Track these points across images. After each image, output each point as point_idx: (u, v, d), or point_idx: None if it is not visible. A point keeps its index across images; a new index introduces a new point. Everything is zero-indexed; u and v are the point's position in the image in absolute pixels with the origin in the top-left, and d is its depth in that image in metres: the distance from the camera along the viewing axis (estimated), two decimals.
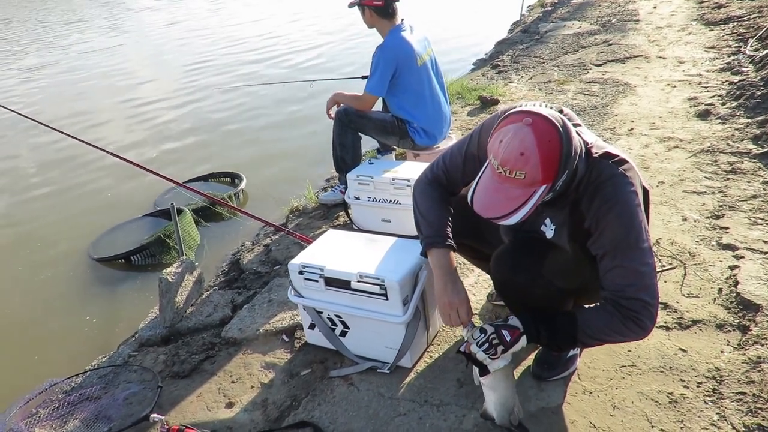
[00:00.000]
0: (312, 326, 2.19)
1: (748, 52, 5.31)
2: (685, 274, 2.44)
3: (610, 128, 4.23)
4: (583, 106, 4.77)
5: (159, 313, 2.61)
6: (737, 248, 2.57)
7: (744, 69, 4.96)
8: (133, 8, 19.78)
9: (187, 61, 9.82)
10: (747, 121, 3.95)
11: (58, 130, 3.87)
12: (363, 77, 3.73)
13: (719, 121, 4.08)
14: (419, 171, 1.94)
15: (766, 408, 1.74)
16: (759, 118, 3.89)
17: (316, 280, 2.06)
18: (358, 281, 1.97)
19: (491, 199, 1.44)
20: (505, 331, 1.59)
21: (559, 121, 1.40)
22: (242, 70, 8.77)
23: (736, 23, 6.54)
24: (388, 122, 3.33)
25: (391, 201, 2.93)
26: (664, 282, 2.39)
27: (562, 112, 1.51)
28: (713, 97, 4.55)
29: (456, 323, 1.73)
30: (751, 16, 6.53)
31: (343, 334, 2.14)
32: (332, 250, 2.16)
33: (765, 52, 5.04)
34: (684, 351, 2.03)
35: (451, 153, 1.82)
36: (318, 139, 5.21)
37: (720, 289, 2.32)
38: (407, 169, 2.94)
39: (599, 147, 1.55)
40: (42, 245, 4.15)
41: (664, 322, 2.17)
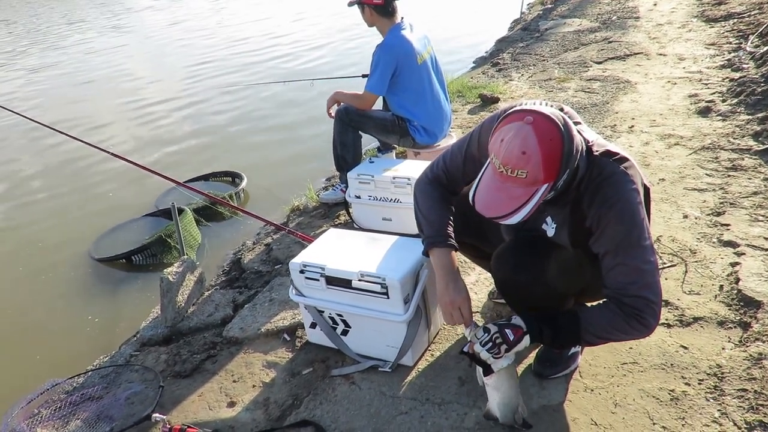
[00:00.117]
0: (313, 325, 2.19)
1: (748, 49, 5.30)
2: (686, 272, 2.44)
3: (610, 126, 4.23)
4: (584, 104, 4.77)
5: (160, 312, 2.61)
6: (738, 245, 2.56)
7: (744, 66, 4.94)
8: (133, 8, 19.77)
9: (188, 62, 9.81)
10: (747, 117, 3.94)
11: (60, 132, 3.88)
12: (363, 76, 3.72)
13: (720, 118, 4.08)
14: (420, 169, 1.94)
15: None
16: (759, 115, 3.88)
17: (318, 279, 2.06)
18: (359, 280, 1.97)
19: (493, 199, 1.44)
20: (508, 331, 1.59)
21: (560, 120, 1.40)
22: (243, 71, 8.76)
23: (736, 20, 6.53)
24: (388, 121, 3.32)
25: (391, 200, 2.93)
26: (665, 279, 2.39)
27: (563, 110, 1.51)
28: (714, 94, 4.54)
29: (458, 322, 1.74)
30: (752, 13, 6.52)
31: (345, 332, 2.15)
32: (333, 249, 2.16)
33: (765, 49, 5.03)
34: (685, 348, 2.03)
35: (452, 152, 1.82)
36: (318, 138, 5.21)
37: (721, 286, 2.32)
38: (408, 168, 2.94)
39: (600, 145, 1.54)
40: (43, 246, 4.16)
41: (666, 320, 2.16)
